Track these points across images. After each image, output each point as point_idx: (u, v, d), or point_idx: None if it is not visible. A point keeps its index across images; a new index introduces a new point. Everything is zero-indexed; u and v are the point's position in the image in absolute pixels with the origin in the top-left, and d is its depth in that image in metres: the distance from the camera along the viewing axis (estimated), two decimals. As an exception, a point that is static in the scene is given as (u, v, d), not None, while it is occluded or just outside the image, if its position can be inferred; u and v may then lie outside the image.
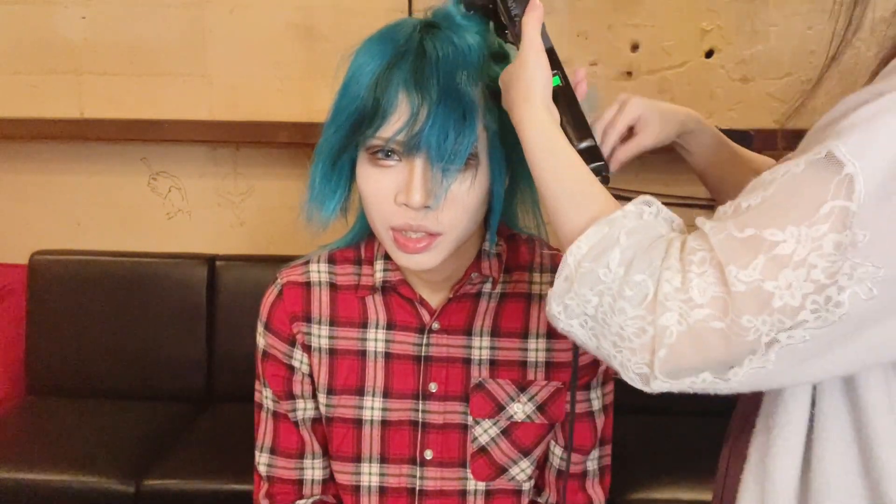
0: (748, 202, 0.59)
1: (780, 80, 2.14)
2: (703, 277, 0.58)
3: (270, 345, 0.95)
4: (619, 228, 0.63)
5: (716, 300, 0.57)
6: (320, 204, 0.87)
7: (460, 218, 0.81)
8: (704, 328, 0.57)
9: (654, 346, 0.59)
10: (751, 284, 0.56)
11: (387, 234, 0.83)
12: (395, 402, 0.93)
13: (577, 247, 0.64)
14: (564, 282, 0.64)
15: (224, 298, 2.24)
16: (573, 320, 0.65)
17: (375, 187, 0.81)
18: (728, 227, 0.58)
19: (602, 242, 0.63)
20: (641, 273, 0.60)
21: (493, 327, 0.93)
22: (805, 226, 0.55)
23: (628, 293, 0.60)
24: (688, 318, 0.58)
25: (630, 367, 0.61)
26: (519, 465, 0.94)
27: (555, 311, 0.66)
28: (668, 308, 0.58)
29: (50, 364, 2.23)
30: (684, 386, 0.61)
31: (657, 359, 0.59)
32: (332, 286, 0.94)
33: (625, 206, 0.66)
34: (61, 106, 2.29)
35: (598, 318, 0.63)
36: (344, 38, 0.84)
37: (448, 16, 0.83)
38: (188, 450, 1.98)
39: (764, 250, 0.56)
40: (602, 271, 0.62)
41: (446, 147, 0.76)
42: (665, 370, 0.60)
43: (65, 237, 2.37)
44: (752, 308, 0.56)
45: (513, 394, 0.93)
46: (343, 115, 0.81)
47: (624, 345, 0.61)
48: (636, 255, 0.62)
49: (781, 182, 0.58)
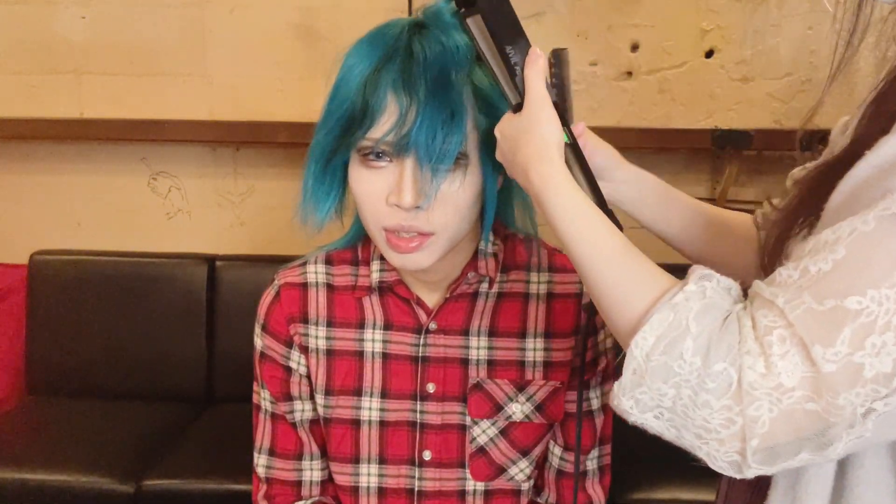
0: (817, 266, 0.56)
1: (780, 80, 2.14)
2: (787, 359, 0.55)
3: (268, 346, 0.95)
4: (686, 313, 0.59)
5: (806, 380, 0.54)
6: (314, 206, 0.87)
7: (452, 217, 0.82)
8: (798, 410, 0.55)
9: (745, 435, 0.56)
10: (840, 362, 0.53)
11: (380, 234, 0.83)
12: (393, 403, 0.93)
13: (642, 338, 0.60)
14: (633, 375, 0.60)
15: (224, 298, 2.24)
16: (647, 414, 0.61)
17: (367, 188, 0.81)
18: (805, 300, 0.55)
19: (670, 332, 0.59)
20: (721, 361, 0.57)
21: (490, 327, 0.93)
22: (886, 287, 0.52)
23: (710, 385, 0.57)
24: (779, 404, 0.55)
25: (720, 458, 0.58)
26: (518, 465, 0.94)
27: (626, 407, 0.62)
28: (757, 397, 0.55)
29: (50, 364, 2.23)
30: (781, 468, 0.58)
31: (749, 448, 0.56)
32: (329, 287, 0.94)
33: (685, 286, 0.61)
34: (61, 106, 2.29)
35: (676, 411, 0.59)
36: (344, 38, 0.84)
37: (437, 14, 0.82)
38: (188, 450, 1.98)
39: (849, 322, 0.53)
40: (676, 363, 0.58)
41: (434, 147, 0.77)
42: (759, 458, 0.57)
43: (65, 237, 2.37)
44: (845, 384, 0.53)
45: (511, 394, 0.93)
46: (333, 118, 0.81)
47: (710, 437, 0.58)
48: (710, 341, 0.58)
49: (850, 242, 0.55)
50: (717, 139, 2.12)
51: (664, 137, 2.14)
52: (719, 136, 2.12)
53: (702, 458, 0.60)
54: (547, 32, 2.10)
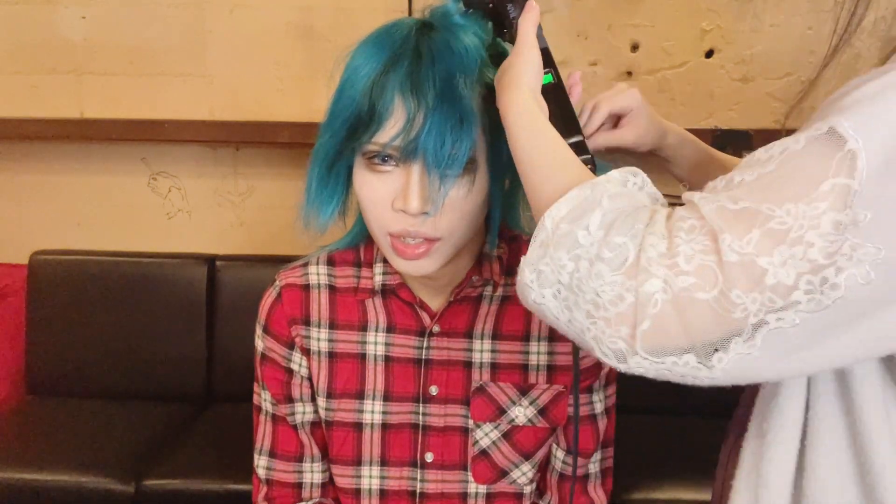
0: (742, 177, 0.56)
1: (780, 80, 2.14)
2: (690, 245, 0.55)
3: (269, 348, 0.95)
4: (602, 192, 0.60)
5: (703, 269, 0.54)
6: (318, 209, 0.86)
7: (458, 223, 0.81)
8: (690, 299, 0.54)
9: (637, 317, 0.55)
10: (745, 257, 0.53)
11: (385, 239, 0.82)
12: (396, 406, 0.93)
13: (556, 208, 0.61)
14: (540, 247, 0.61)
15: (224, 298, 2.24)
16: (546, 289, 0.61)
17: (373, 193, 0.80)
18: (720, 199, 0.56)
19: (583, 204, 0.60)
20: (622, 236, 0.57)
21: (494, 330, 0.93)
22: (803, 203, 0.52)
23: (607, 255, 0.57)
24: (673, 285, 0.54)
25: (604, 341, 0.57)
26: (520, 468, 0.94)
27: (527, 280, 0.62)
28: (652, 273, 0.55)
29: (50, 364, 2.23)
30: (664, 368, 0.56)
31: (639, 332, 0.55)
32: (331, 289, 0.94)
33: (609, 172, 0.63)
34: (61, 106, 2.29)
35: (572, 287, 0.59)
36: (344, 38, 0.83)
37: (446, 15, 0.81)
38: (188, 450, 1.97)
39: (758, 224, 0.53)
40: (581, 233, 0.58)
41: (443, 153, 0.75)
42: (647, 346, 0.56)
43: (65, 237, 2.37)
44: (743, 282, 0.53)
45: (514, 397, 0.93)
46: (339, 121, 0.80)
47: (599, 314, 0.57)
48: (618, 217, 0.58)
49: (780, 159, 0.55)
50: (717, 139, 2.12)
51: (664, 137, 2.14)
52: (719, 136, 2.12)
53: (589, 347, 0.59)
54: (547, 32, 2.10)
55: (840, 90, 0.57)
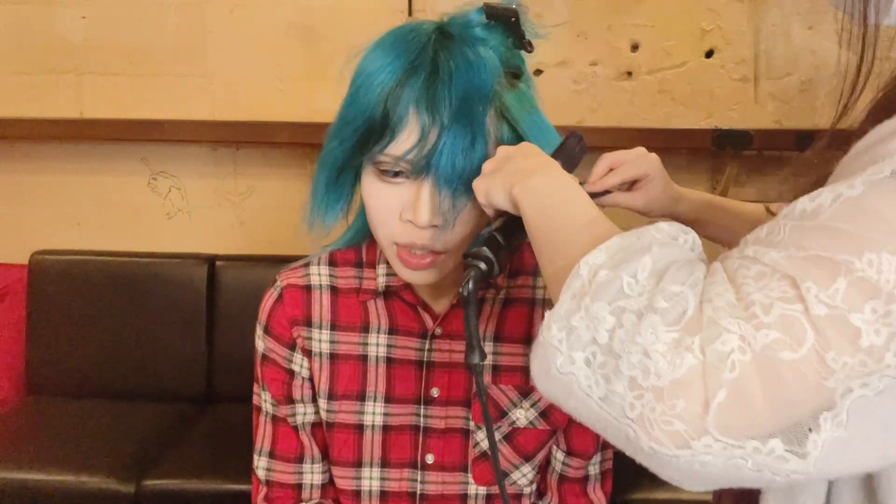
0: (788, 223, 0.48)
1: (780, 80, 2.14)
2: (765, 292, 0.45)
3: (270, 349, 0.95)
4: (651, 239, 0.51)
5: (787, 320, 0.44)
6: (323, 213, 0.86)
7: (467, 237, 0.81)
8: (774, 359, 0.43)
9: (707, 384, 0.44)
10: (835, 311, 0.44)
11: (391, 248, 0.82)
12: (397, 408, 0.93)
13: (593, 255, 0.51)
14: (572, 299, 0.50)
15: (224, 298, 2.24)
16: (577, 352, 0.49)
17: (382, 203, 0.80)
18: (780, 249, 0.47)
19: (628, 249, 0.50)
20: (679, 284, 0.47)
21: (496, 333, 0.93)
22: (888, 252, 0.44)
23: (661, 304, 0.46)
24: (753, 342, 0.44)
25: (656, 422, 0.45)
26: (521, 470, 0.94)
27: (554, 339, 0.50)
28: (723, 327, 0.44)
29: (50, 364, 2.23)
30: (739, 456, 0.45)
31: (714, 405, 0.44)
32: (332, 289, 0.94)
33: (658, 223, 0.54)
34: (61, 106, 2.29)
35: (612, 349, 0.47)
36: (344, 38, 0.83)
37: (466, 25, 0.79)
38: (188, 450, 1.98)
39: (843, 273, 0.44)
40: (627, 280, 0.48)
41: (455, 173, 0.75)
42: (723, 422, 0.44)
43: (65, 237, 2.37)
44: (838, 342, 0.44)
45: (515, 399, 0.93)
46: (350, 128, 0.79)
47: (648, 383, 0.45)
48: (671, 265, 0.49)
49: (835, 208, 0.47)
50: (717, 139, 2.12)
51: (664, 137, 2.14)
52: (719, 136, 2.12)
53: (631, 435, 0.46)
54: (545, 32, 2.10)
55: (871, 136, 0.51)
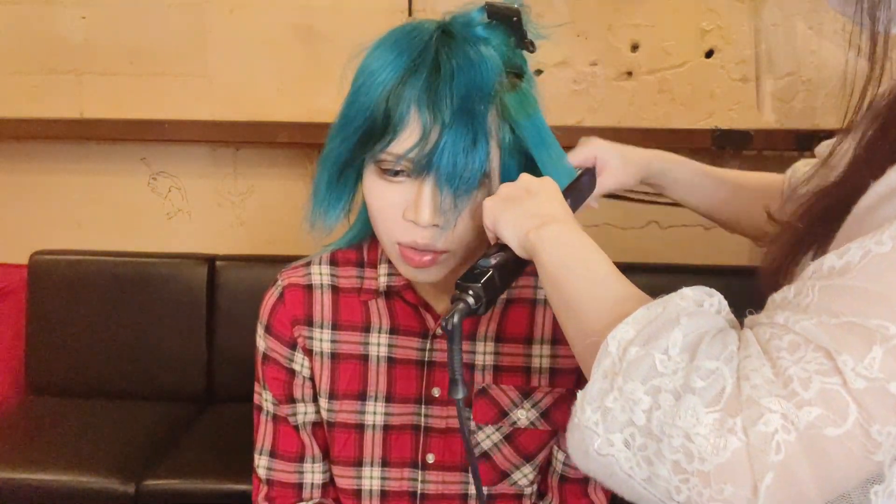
0: (815, 283, 0.47)
1: (781, 80, 2.14)
2: (801, 365, 0.44)
3: (271, 348, 0.95)
4: (678, 309, 0.50)
5: (828, 395, 0.43)
6: (325, 213, 0.86)
7: (468, 236, 0.81)
8: (820, 437, 0.42)
9: (753, 468, 0.43)
10: (874, 382, 0.43)
11: (393, 247, 0.82)
12: (398, 407, 0.93)
13: (621, 330, 0.50)
14: (604, 378, 0.49)
15: (224, 298, 2.24)
16: (615, 435, 0.48)
17: (383, 202, 0.80)
18: (811, 315, 0.46)
19: (656, 323, 0.49)
20: (714, 360, 0.46)
21: (497, 333, 0.93)
22: None
23: (698, 384, 0.45)
24: (797, 421, 0.43)
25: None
26: (521, 470, 0.94)
27: (588, 421, 0.49)
28: (764, 406, 0.43)
29: (50, 364, 2.23)
30: None
31: (763, 489, 0.42)
32: (334, 289, 0.94)
33: (682, 290, 0.53)
34: (61, 106, 2.29)
35: (651, 431, 0.46)
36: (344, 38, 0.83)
37: (468, 25, 0.79)
38: (188, 450, 1.98)
39: (878, 341, 0.43)
40: (659, 357, 0.47)
41: (456, 172, 0.75)
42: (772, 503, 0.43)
43: (65, 237, 2.37)
44: (881, 414, 0.43)
45: (516, 400, 0.93)
46: (351, 127, 0.79)
47: (692, 467, 0.43)
48: (703, 338, 0.48)
49: (865, 265, 0.46)
50: (717, 139, 2.12)
51: (664, 137, 2.14)
52: (719, 136, 2.12)
53: None
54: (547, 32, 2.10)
55: (887, 181, 0.49)
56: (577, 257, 0.61)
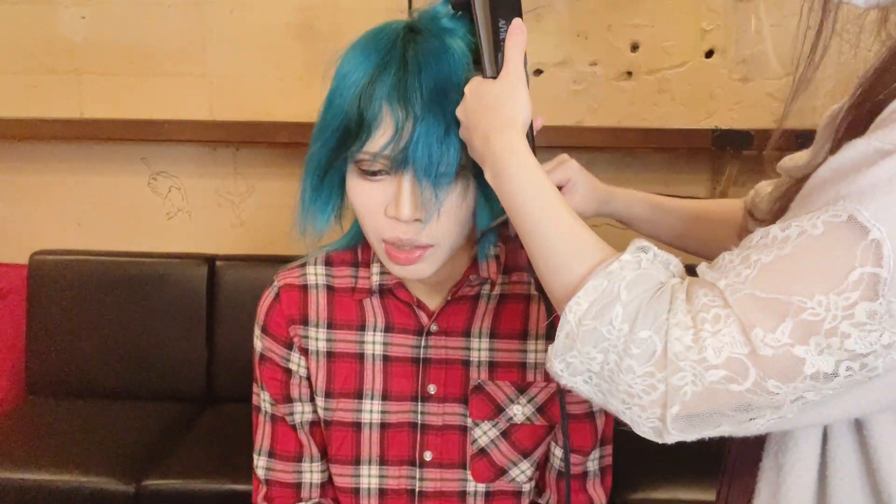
0: (759, 256, 0.56)
1: (780, 80, 2.14)
2: (717, 337, 0.55)
3: (267, 348, 0.95)
4: (619, 281, 0.60)
5: (733, 361, 0.55)
6: (313, 216, 0.86)
7: (452, 228, 0.81)
8: (720, 390, 0.56)
9: (667, 402, 0.57)
10: (779, 349, 0.53)
11: (379, 245, 0.83)
12: (394, 405, 0.93)
13: (576, 303, 0.61)
14: (566, 339, 0.62)
15: (224, 298, 2.24)
16: (577, 377, 0.63)
17: (366, 200, 0.81)
18: (746, 287, 0.56)
19: (602, 298, 0.60)
20: (647, 329, 0.58)
21: (492, 329, 0.93)
22: (834, 293, 0.52)
23: (635, 351, 0.58)
24: (702, 380, 0.56)
25: (642, 423, 0.60)
26: (519, 466, 0.94)
27: (557, 369, 0.63)
28: (681, 367, 0.56)
29: (50, 364, 2.23)
30: (700, 436, 0.60)
31: (669, 414, 0.58)
32: (329, 289, 0.94)
33: (621, 255, 0.63)
34: (61, 106, 2.29)
35: (603, 376, 0.61)
36: (344, 38, 0.83)
37: (433, 18, 0.80)
38: (188, 450, 1.98)
39: (791, 315, 0.53)
40: (605, 328, 0.59)
41: (432, 163, 0.76)
42: (679, 426, 0.58)
43: (65, 237, 2.37)
44: (781, 374, 0.54)
45: (512, 395, 0.93)
46: (328, 130, 0.80)
47: (633, 402, 0.59)
48: (639, 310, 0.59)
49: (798, 243, 0.55)
50: (717, 139, 2.12)
51: (664, 137, 2.14)
52: (719, 136, 2.12)
53: (626, 422, 0.62)
54: (547, 32, 2.10)
55: (838, 159, 0.56)
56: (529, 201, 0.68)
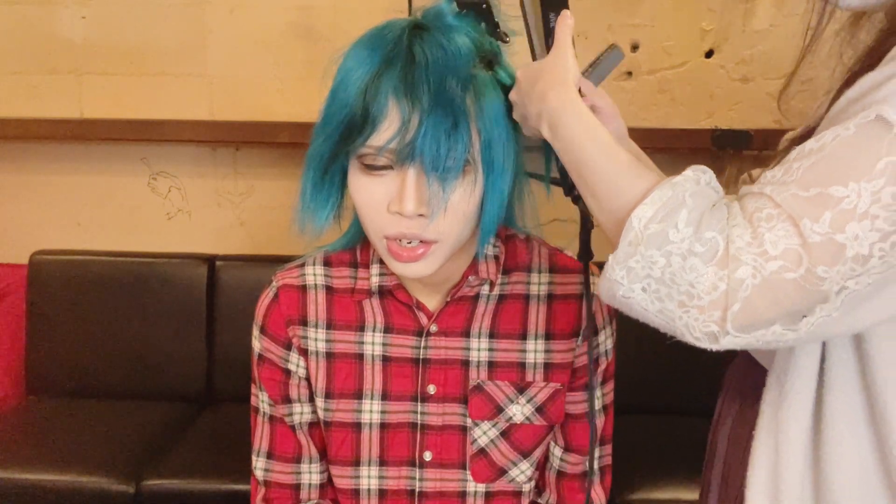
0: (799, 164, 0.63)
1: (780, 80, 2.13)
2: (773, 231, 0.61)
3: (266, 348, 0.95)
4: (683, 190, 0.65)
5: (789, 252, 0.60)
6: (313, 213, 0.86)
7: (456, 225, 0.81)
8: (779, 279, 0.60)
9: (728, 301, 0.61)
10: (824, 237, 0.60)
11: (381, 242, 0.82)
12: (394, 405, 0.93)
13: (642, 210, 0.65)
14: (629, 246, 0.65)
15: (224, 298, 2.24)
16: (636, 284, 0.65)
17: (368, 196, 0.80)
18: (791, 188, 0.62)
19: (669, 203, 0.65)
20: (711, 230, 0.62)
21: (491, 329, 0.93)
22: (864, 181, 0.59)
23: (699, 249, 0.62)
24: (762, 270, 0.60)
25: (697, 327, 0.63)
26: (519, 466, 0.94)
27: (617, 276, 0.66)
28: (743, 262, 0.61)
29: (50, 364, 2.23)
30: (753, 340, 0.63)
31: (730, 313, 0.61)
32: (328, 289, 0.94)
33: (683, 173, 0.68)
34: (61, 106, 2.29)
35: (664, 280, 0.64)
36: (344, 38, 0.83)
37: (439, 15, 0.81)
38: (188, 450, 1.98)
39: (830, 206, 0.60)
40: (671, 231, 0.63)
41: (440, 156, 0.75)
42: (738, 324, 0.62)
43: (65, 237, 2.37)
44: (827, 259, 0.59)
45: (511, 395, 0.93)
46: (332, 124, 0.80)
47: (693, 303, 0.63)
48: (703, 214, 0.64)
49: (833, 145, 0.62)
50: (717, 139, 2.12)
51: (664, 137, 2.14)
52: (719, 136, 2.12)
53: (678, 332, 0.65)
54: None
55: (857, 89, 0.64)
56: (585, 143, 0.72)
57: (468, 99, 0.77)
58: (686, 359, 1.08)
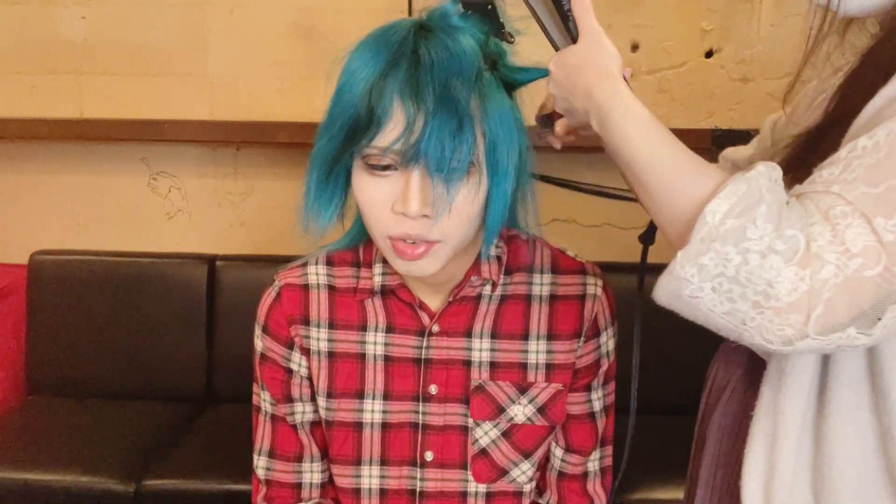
0: (860, 161, 0.62)
1: (780, 80, 2.13)
2: (851, 229, 0.60)
3: (268, 348, 0.95)
4: (759, 186, 0.62)
5: (868, 249, 0.59)
6: (317, 213, 0.86)
7: (460, 226, 0.81)
8: (859, 278, 0.59)
9: (810, 304, 0.59)
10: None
11: (385, 242, 0.82)
12: (396, 405, 0.93)
13: (716, 204, 0.62)
14: (701, 242, 0.62)
15: (224, 298, 2.24)
16: (706, 283, 0.62)
17: (372, 196, 0.80)
18: (858, 186, 0.61)
19: (746, 198, 0.61)
20: (792, 228, 0.60)
21: (493, 329, 0.93)
22: None
23: (781, 247, 0.60)
24: (845, 269, 0.59)
25: (772, 329, 0.61)
26: (520, 466, 0.94)
27: (686, 274, 0.63)
28: (826, 260, 0.59)
29: (50, 364, 2.23)
30: (828, 343, 0.61)
31: (813, 316, 0.59)
32: (330, 289, 0.94)
33: (756, 166, 0.65)
34: (61, 106, 2.29)
35: (738, 279, 0.61)
36: (344, 38, 0.83)
37: (443, 16, 0.80)
38: (188, 450, 1.97)
39: None
40: (750, 227, 0.60)
41: (444, 158, 0.75)
42: (819, 328, 0.60)
43: (65, 237, 2.37)
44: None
45: (513, 396, 0.93)
46: (337, 124, 0.79)
47: (769, 304, 0.60)
48: (781, 210, 0.61)
49: (890, 140, 0.61)
50: (717, 139, 2.12)
51: (664, 137, 2.14)
52: (719, 136, 2.12)
53: (746, 335, 0.62)
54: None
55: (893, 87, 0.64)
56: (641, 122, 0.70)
57: (473, 100, 0.77)
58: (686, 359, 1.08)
